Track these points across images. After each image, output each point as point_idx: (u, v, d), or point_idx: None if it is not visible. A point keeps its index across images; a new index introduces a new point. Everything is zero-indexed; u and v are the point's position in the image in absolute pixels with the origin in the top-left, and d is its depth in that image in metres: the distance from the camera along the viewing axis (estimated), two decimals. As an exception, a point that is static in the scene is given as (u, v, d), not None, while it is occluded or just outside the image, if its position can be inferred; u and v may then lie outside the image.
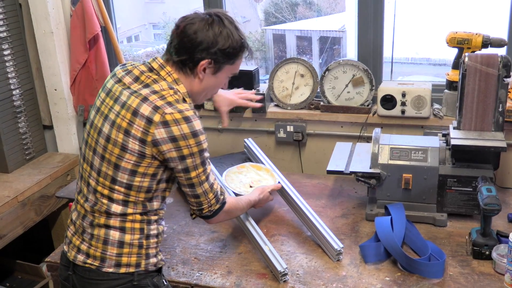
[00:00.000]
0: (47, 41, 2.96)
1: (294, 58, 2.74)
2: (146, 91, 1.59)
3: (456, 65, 2.42)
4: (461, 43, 2.36)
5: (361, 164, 2.17)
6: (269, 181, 2.25)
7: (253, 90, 2.63)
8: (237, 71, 1.76)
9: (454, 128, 2.17)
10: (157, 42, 4.27)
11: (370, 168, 2.12)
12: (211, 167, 1.72)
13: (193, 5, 3.15)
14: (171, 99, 1.58)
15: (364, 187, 2.26)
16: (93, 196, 1.67)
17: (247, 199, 1.98)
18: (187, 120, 1.56)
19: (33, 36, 2.98)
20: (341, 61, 2.63)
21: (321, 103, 2.69)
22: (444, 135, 2.21)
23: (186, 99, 1.64)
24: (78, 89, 3.04)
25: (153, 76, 1.64)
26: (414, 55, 3.52)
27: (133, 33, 4.35)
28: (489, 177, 1.96)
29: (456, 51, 2.42)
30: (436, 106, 2.56)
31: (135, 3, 4.29)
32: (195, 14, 1.65)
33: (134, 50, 4.22)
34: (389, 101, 2.51)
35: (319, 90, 2.69)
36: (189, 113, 1.57)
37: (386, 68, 2.74)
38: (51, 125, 3.20)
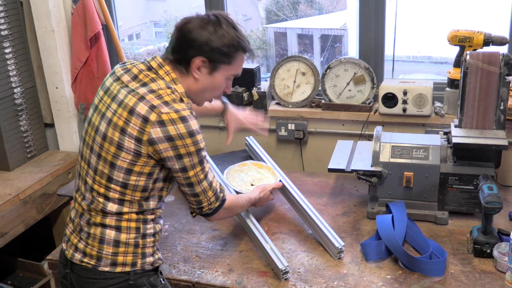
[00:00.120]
0: (48, 39, 2.96)
1: (295, 56, 2.74)
2: (143, 90, 1.59)
3: (457, 63, 2.42)
4: (462, 41, 2.36)
5: (362, 162, 2.17)
6: (270, 179, 2.25)
7: (264, 114, 2.44)
8: (238, 73, 1.73)
9: (455, 126, 2.16)
10: (158, 40, 4.27)
11: (371, 166, 2.12)
12: (210, 165, 1.71)
13: (194, 3, 3.15)
14: (168, 99, 1.57)
15: (365, 185, 2.26)
16: (90, 194, 1.67)
17: (248, 197, 1.98)
18: (184, 120, 1.55)
19: (34, 34, 2.98)
20: (343, 59, 2.63)
21: (323, 101, 2.69)
22: (445, 133, 2.21)
23: (183, 99, 1.63)
24: (79, 87, 3.04)
25: (151, 75, 1.63)
26: (415, 53, 3.52)
27: (134, 31, 4.35)
28: (491, 175, 1.96)
29: (457, 49, 2.42)
30: (437, 104, 2.55)
31: (136, 1, 4.30)
32: (196, 15, 1.65)
33: (135, 48, 4.23)
34: (390, 99, 2.51)
35: (320, 88, 2.68)
36: (185, 113, 1.56)
37: (387, 66, 2.73)
38: (52, 123, 3.20)
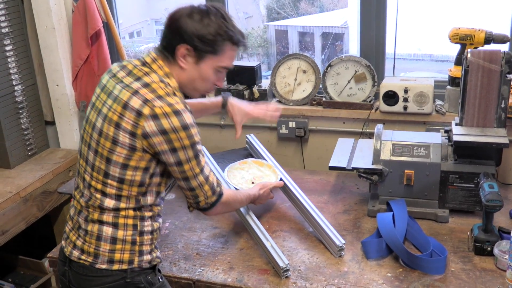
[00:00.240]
0: (49, 37, 2.95)
1: (296, 54, 2.74)
2: (137, 84, 1.59)
3: (458, 61, 2.41)
4: (463, 39, 2.35)
5: (363, 160, 2.17)
6: (271, 177, 2.25)
7: (278, 105, 2.30)
8: (227, 65, 1.69)
9: (456, 124, 2.16)
10: (159, 37, 4.27)
11: (372, 164, 2.12)
12: (206, 159, 1.70)
13: (195, 0, 3.14)
14: (161, 92, 1.58)
15: (366, 183, 2.26)
16: (88, 191, 1.67)
17: (247, 193, 1.98)
18: (177, 113, 1.55)
19: (35, 31, 2.98)
20: (344, 57, 2.62)
21: (323, 99, 2.69)
22: (446, 131, 2.21)
23: (176, 93, 1.63)
24: (80, 84, 3.04)
25: (145, 69, 1.64)
26: (416, 51, 3.52)
27: (135, 29, 4.35)
28: (491, 174, 1.96)
29: (458, 47, 2.42)
30: (438, 102, 2.55)
31: (137, -2, 4.29)
32: (189, 5, 1.65)
33: (136, 45, 4.22)
34: (391, 97, 2.51)
35: (321, 86, 2.68)
36: (179, 106, 1.56)
37: (388, 64, 2.73)
38: (53, 121, 3.20)
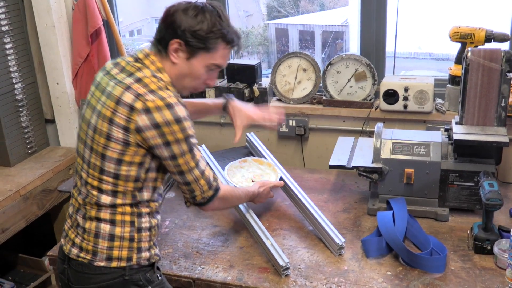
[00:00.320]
0: (49, 35, 2.95)
1: (296, 52, 2.74)
2: (129, 80, 1.60)
3: (459, 59, 2.41)
4: (464, 38, 2.35)
5: (363, 158, 2.17)
6: (271, 175, 2.25)
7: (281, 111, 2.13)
8: (220, 63, 1.68)
9: (456, 123, 2.16)
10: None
11: (372, 162, 2.12)
12: (204, 154, 1.69)
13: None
14: (153, 87, 1.58)
15: (366, 182, 2.26)
16: (85, 188, 1.68)
17: (246, 190, 1.98)
18: (170, 106, 1.55)
19: (35, 29, 2.98)
20: (344, 55, 2.62)
21: (324, 98, 2.69)
22: (446, 130, 2.21)
23: (169, 87, 1.63)
24: (80, 83, 3.04)
25: (137, 65, 1.65)
26: (416, 49, 3.52)
27: (135, 27, 4.34)
28: (491, 172, 1.96)
29: (459, 46, 2.42)
30: (438, 101, 2.55)
31: (137, -4, 4.29)
32: (186, 1, 1.65)
33: (136, 44, 4.21)
34: (391, 96, 2.51)
35: (321, 84, 2.68)
36: (171, 100, 1.56)
37: (388, 62, 2.73)
38: (53, 119, 3.20)
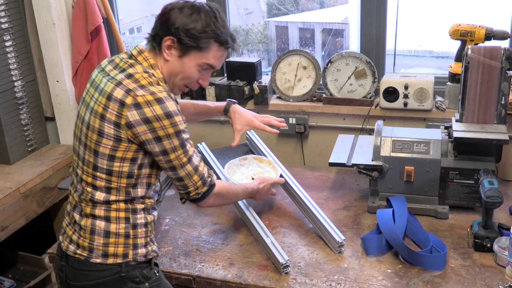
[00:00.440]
0: (49, 33, 2.95)
1: (296, 50, 2.74)
2: (121, 76, 1.61)
3: (459, 57, 2.41)
4: (464, 36, 2.35)
5: (363, 156, 2.17)
6: (271, 173, 2.25)
7: (281, 119, 2.24)
8: (212, 63, 1.68)
9: (456, 120, 2.16)
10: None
11: (372, 160, 2.12)
12: (194, 149, 1.68)
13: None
14: (144, 82, 1.59)
15: (366, 180, 2.26)
16: (80, 185, 1.68)
17: (244, 186, 1.97)
18: (159, 101, 1.55)
19: (35, 27, 2.97)
20: (344, 53, 2.62)
21: (324, 95, 2.69)
22: (446, 128, 2.21)
23: (160, 83, 1.63)
24: (80, 80, 3.04)
25: (130, 61, 1.66)
26: (417, 47, 3.51)
27: (135, 25, 4.33)
28: (491, 170, 1.96)
29: (459, 44, 2.42)
30: (438, 98, 2.55)
31: (137, -6, 4.27)
32: (184, 0, 1.66)
33: (136, 41, 4.21)
34: (391, 94, 2.51)
35: (321, 82, 2.68)
36: (161, 95, 1.57)
37: (388, 60, 2.73)
38: (53, 117, 3.19)
